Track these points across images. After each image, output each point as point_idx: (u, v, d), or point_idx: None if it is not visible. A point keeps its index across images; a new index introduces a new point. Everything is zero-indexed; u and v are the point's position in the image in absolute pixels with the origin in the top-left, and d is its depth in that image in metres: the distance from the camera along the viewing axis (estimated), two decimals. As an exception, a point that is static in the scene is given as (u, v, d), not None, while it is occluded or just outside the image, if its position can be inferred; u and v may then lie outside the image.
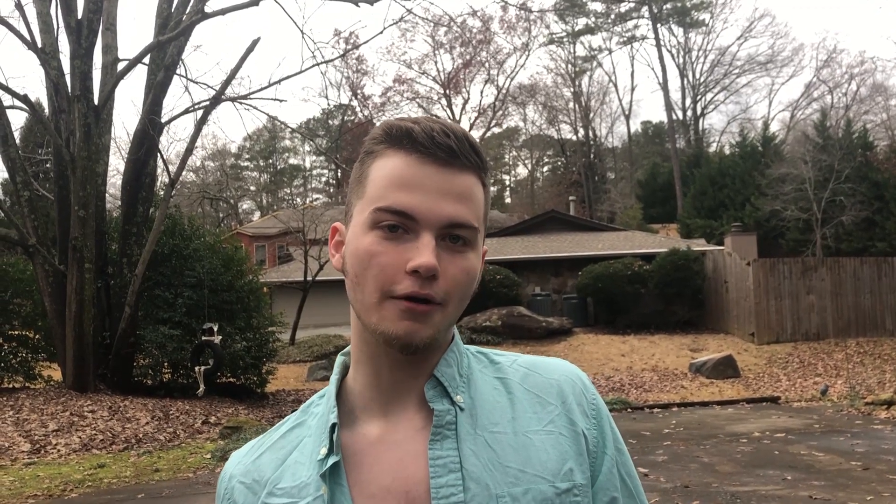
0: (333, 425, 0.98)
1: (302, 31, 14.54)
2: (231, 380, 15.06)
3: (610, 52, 62.90)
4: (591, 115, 62.15)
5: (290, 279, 29.68)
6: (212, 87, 14.50)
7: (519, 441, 0.97)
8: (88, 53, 13.13)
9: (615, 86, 64.67)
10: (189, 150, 14.96)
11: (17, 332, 14.48)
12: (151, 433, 11.08)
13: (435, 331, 0.95)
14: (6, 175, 14.65)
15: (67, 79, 13.22)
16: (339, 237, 1.03)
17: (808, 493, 6.61)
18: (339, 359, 1.08)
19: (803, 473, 7.43)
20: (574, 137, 62.58)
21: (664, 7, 55.62)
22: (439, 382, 0.99)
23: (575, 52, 60.73)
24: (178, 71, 14.30)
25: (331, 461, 0.95)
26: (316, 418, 1.04)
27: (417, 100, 61.02)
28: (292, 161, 76.72)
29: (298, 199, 70.63)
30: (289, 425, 1.07)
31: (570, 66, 60.87)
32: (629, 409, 12.68)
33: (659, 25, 55.58)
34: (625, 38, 60.04)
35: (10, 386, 13.53)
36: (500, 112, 62.67)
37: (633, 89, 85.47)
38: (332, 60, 18.47)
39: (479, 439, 0.96)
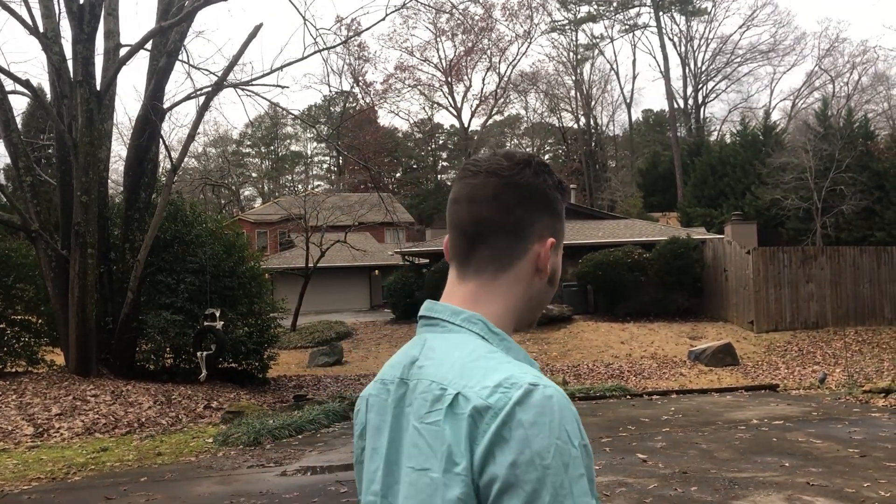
0: None
1: (304, 18, 14.56)
2: (233, 365, 15.12)
3: (612, 40, 62.69)
4: (593, 103, 62.01)
5: (291, 266, 29.75)
6: (214, 74, 14.53)
7: None
8: (90, 39, 13.12)
9: (617, 74, 64.63)
10: (191, 136, 14.99)
11: (20, 317, 14.52)
12: (154, 417, 11.15)
13: None
14: (9, 160, 14.68)
15: (69, 64, 13.23)
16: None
17: (805, 480, 6.68)
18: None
19: (801, 460, 7.49)
20: (575, 126, 62.50)
21: (666, -5, 55.44)
22: None
23: (577, 40, 60.57)
24: (180, 57, 14.32)
25: None
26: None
27: (419, 87, 60.90)
28: (294, 148, 76.62)
29: (300, 186, 70.65)
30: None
31: (571, 54, 60.70)
32: (628, 396, 12.74)
33: (661, 13, 55.43)
34: (627, 26, 59.91)
35: (14, 370, 13.60)
36: (502, 100, 62.51)
37: (634, 78, 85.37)
38: (333, 47, 18.40)
39: None
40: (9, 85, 13.71)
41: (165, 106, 14.49)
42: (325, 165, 76.74)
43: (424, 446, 1.09)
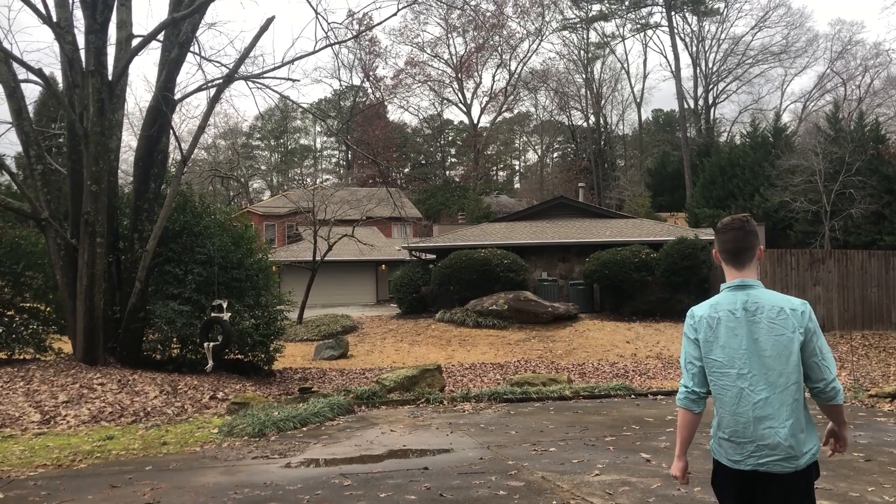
0: None
1: (316, 11, 14.54)
2: (239, 356, 15.17)
3: (623, 39, 62.62)
4: (603, 102, 61.93)
5: (298, 259, 29.81)
6: (225, 66, 14.57)
7: None
8: (103, 29, 13.17)
9: (627, 73, 64.49)
10: (201, 128, 15.02)
11: (28, 305, 14.60)
12: (160, 407, 11.20)
13: None
14: (20, 149, 14.74)
15: (82, 54, 13.28)
16: None
17: (808, 482, 6.65)
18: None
19: (804, 462, 7.46)
20: (585, 124, 62.42)
21: (679, -6, 55.24)
22: None
23: (588, 38, 60.50)
24: (191, 48, 14.34)
25: None
26: None
27: (429, 83, 60.93)
28: (303, 141, 76.79)
29: (308, 180, 70.75)
30: None
31: (582, 52, 60.61)
32: (633, 396, 12.73)
33: (673, 13, 55.26)
34: (638, 25, 59.80)
35: (21, 357, 13.68)
36: (512, 97, 62.55)
37: (644, 77, 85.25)
38: (345, 41, 18.45)
39: None
40: (21, 73, 13.80)
41: (177, 97, 14.54)
42: (333, 159, 76.89)
43: (779, 326, 3.05)
